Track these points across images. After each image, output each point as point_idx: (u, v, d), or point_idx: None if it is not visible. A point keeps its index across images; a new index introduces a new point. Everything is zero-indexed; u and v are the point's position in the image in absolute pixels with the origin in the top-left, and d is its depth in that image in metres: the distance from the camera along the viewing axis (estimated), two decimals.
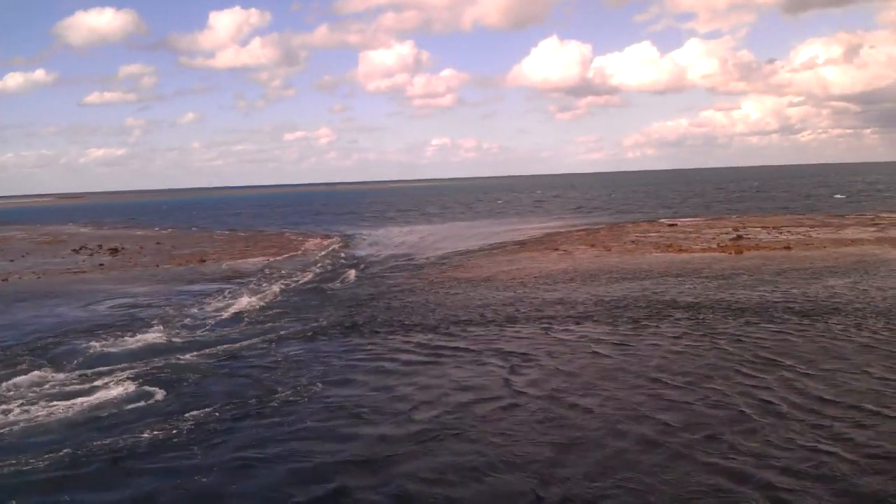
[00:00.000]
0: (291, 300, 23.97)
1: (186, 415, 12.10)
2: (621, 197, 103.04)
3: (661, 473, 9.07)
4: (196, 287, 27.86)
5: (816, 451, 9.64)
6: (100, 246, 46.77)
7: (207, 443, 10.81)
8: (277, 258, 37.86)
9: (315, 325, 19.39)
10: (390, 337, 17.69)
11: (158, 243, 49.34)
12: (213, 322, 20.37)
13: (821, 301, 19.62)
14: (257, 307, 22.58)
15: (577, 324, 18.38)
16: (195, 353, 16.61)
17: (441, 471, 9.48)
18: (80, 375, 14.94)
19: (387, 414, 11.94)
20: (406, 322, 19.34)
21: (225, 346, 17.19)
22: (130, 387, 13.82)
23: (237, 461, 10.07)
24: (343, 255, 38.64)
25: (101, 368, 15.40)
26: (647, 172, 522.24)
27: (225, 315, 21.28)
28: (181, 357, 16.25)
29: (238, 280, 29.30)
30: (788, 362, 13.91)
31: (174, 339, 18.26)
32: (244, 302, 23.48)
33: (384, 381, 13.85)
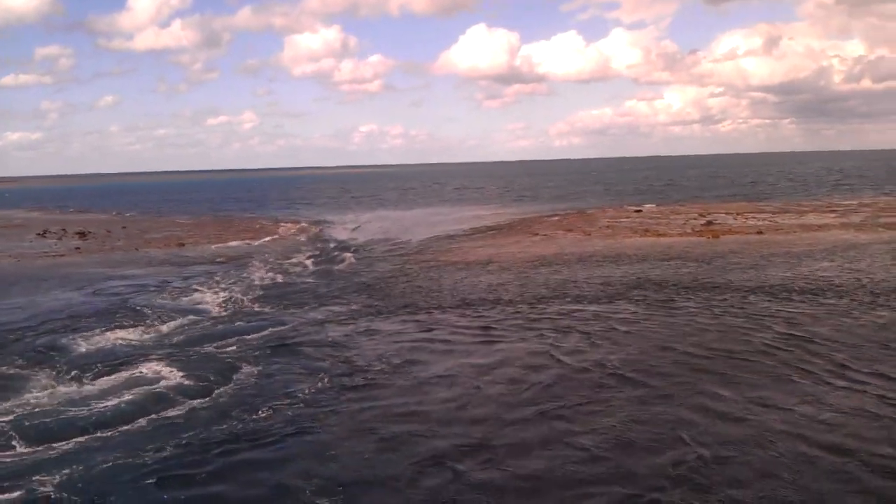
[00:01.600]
0: (305, 283, 24.05)
1: (284, 395, 12.16)
2: (561, 185, 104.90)
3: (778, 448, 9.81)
4: (195, 269, 27.57)
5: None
6: (64, 230, 45.24)
7: (325, 422, 10.93)
8: (258, 242, 37.66)
9: (347, 307, 19.56)
10: (428, 317, 18.07)
11: (124, 227, 48.09)
12: (239, 306, 20.24)
13: (820, 283, 20.78)
14: (275, 291, 22.51)
15: (600, 303, 19.06)
16: (243, 337, 16.39)
17: (558, 440, 9.97)
18: (133, 363, 14.24)
19: (476, 388, 12.37)
20: (434, 303, 19.72)
21: (270, 329, 17.05)
22: (200, 374, 13.33)
23: (366, 438, 10.25)
24: (324, 239, 38.59)
25: (150, 356, 14.77)
26: (573, 161, 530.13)
27: (248, 298, 21.16)
28: (231, 341, 15.98)
29: (234, 263, 29.07)
30: (823, 338, 14.82)
31: (209, 324, 17.99)
32: (256, 285, 23.41)
33: (455, 359, 14.23)
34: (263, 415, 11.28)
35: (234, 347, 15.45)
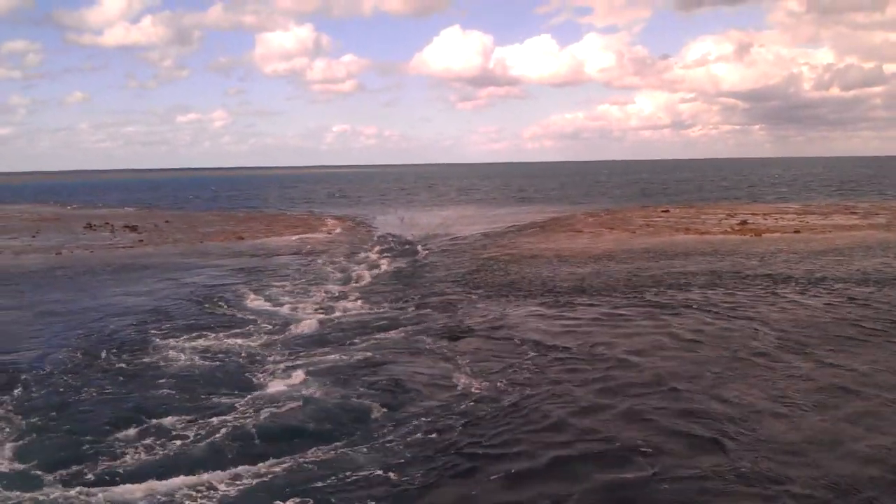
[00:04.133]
0: (406, 275, 25.03)
1: (506, 370, 13.18)
2: (556, 187, 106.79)
3: None
4: (279, 261, 28.64)
5: None
6: (108, 223, 45.81)
7: (572, 396, 11.79)
8: (312, 236, 38.78)
9: (469, 297, 20.51)
10: (555, 301, 19.40)
11: (167, 221, 48.62)
12: (359, 297, 20.92)
13: (883, 274, 22.22)
14: (385, 284, 23.23)
15: (695, 290, 20.32)
16: (399, 327, 16.81)
17: (789, 399, 11.44)
18: (329, 353, 14.54)
19: (675, 359, 13.76)
20: (548, 289, 21.15)
21: (427, 319, 17.69)
22: (407, 362, 13.96)
23: (622, 402, 11.45)
24: (378, 235, 39.61)
25: (331, 346, 15.25)
26: (546, 164, 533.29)
27: (361, 290, 22.19)
28: (393, 332, 16.35)
29: (311, 256, 30.07)
30: None
31: (357, 314, 18.56)
32: (359, 276, 24.53)
33: (620, 337, 15.48)
34: (510, 391, 12.05)
35: (404, 337, 15.98)
